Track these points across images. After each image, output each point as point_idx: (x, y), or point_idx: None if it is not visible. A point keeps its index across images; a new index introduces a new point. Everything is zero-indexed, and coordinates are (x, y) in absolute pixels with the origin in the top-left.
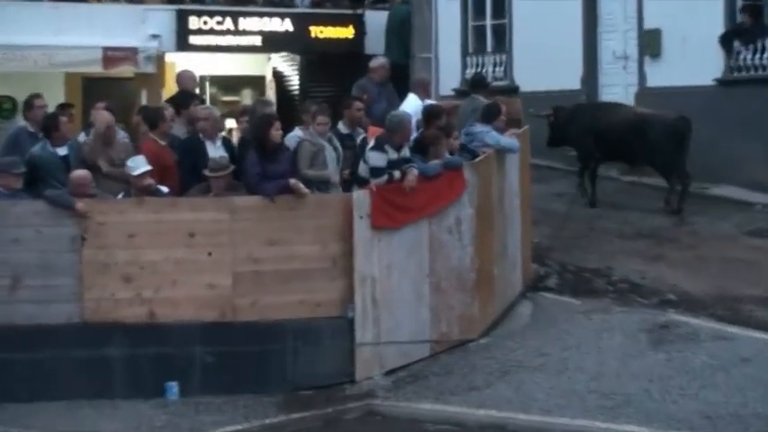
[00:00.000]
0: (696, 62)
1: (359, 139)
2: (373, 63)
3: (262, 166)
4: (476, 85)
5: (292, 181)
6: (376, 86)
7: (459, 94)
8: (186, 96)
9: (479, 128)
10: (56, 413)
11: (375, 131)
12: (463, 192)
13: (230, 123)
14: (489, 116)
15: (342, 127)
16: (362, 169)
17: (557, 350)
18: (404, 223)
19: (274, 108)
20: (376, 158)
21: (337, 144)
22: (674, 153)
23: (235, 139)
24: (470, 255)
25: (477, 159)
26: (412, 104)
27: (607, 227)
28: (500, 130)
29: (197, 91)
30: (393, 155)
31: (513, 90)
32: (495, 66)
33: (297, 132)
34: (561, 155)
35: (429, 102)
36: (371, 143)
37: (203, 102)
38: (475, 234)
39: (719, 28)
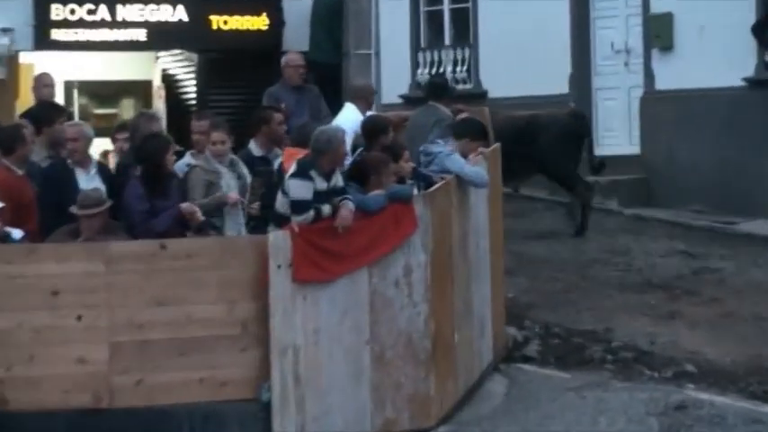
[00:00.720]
0: (719, 57)
1: (276, 164)
2: (284, 60)
3: (150, 201)
4: (435, 90)
5: (184, 205)
6: (292, 93)
7: (409, 102)
8: (48, 109)
9: (439, 147)
10: None
11: (293, 153)
12: (414, 232)
13: (104, 143)
14: (468, 134)
15: (254, 147)
16: (281, 203)
17: None
18: (336, 275)
19: (162, 123)
20: (299, 189)
21: (244, 170)
22: (571, 157)
23: (112, 164)
24: (424, 315)
25: (432, 189)
26: (350, 118)
27: (605, 275)
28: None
29: (60, 101)
30: (321, 184)
31: (478, 96)
32: (455, 64)
33: (187, 159)
34: (544, 181)
35: (370, 114)
36: (292, 169)
37: (71, 116)
38: (429, 288)
39: (750, 13)
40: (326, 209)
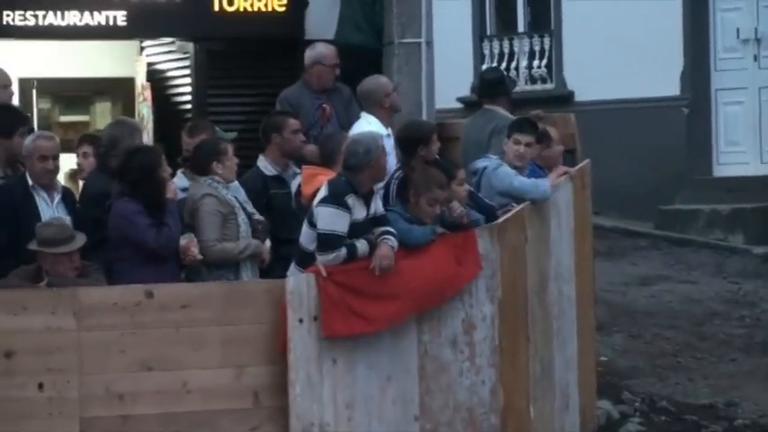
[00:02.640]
0: None
1: (294, 185)
2: (312, 56)
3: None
4: (490, 88)
5: (184, 241)
6: (315, 96)
7: (471, 106)
8: (6, 117)
9: (485, 161)
10: None
11: (316, 174)
12: (476, 275)
13: (71, 161)
14: (515, 129)
15: (265, 165)
16: (307, 237)
17: None
18: (379, 323)
19: (148, 135)
20: (333, 220)
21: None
22: None
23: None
24: (490, 384)
25: (501, 219)
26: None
27: (727, 332)
28: (539, 169)
29: (15, 103)
30: (360, 212)
31: (562, 99)
32: (531, 57)
33: (179, 181)
34: (646, 210)
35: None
36: (323, 192)
37: (30, 126)
38: (497, 349)
39: None
40: (362, 245)
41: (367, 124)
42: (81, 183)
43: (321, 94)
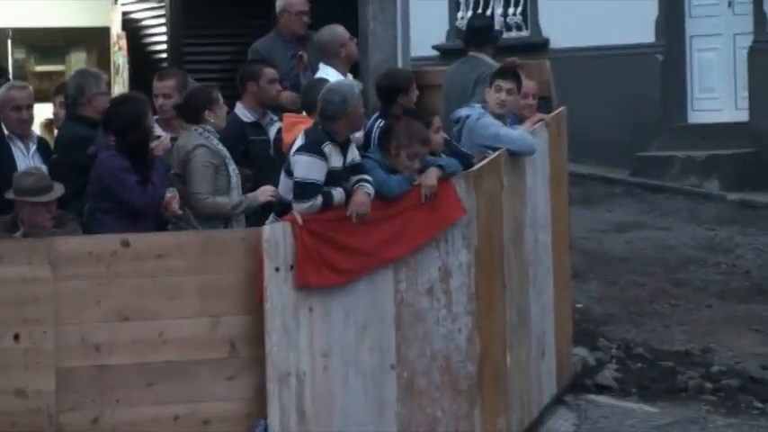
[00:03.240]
0: None
1: (272, 131)
2: (278, 4)
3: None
4: (476, 35)
5: (168, 195)
6: (290, 46)
7: (447, 54)
8: None
9: (467, 110)
10: None
11: (296, 122)
12: (459, 219)
13: (47, 110)
14: (497, 76)
15: (243, 112)
16: (284, 186)
17: None
18: (353, 275)
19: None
20: (309, 168)
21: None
22: None
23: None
24: (466, 332)
25: (477, 166)
26: None
27: (702, 279)
28: (515, 117)
29: None
30: (337, 160)
31: (537, 46)
32: (506, 4)
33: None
34: (622, 157)
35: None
36: (299, 141)
37: (6, 75)
38: (474, 296)
39: None
40: (338, 194)
41: (325, 75)
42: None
43: (294, 43)
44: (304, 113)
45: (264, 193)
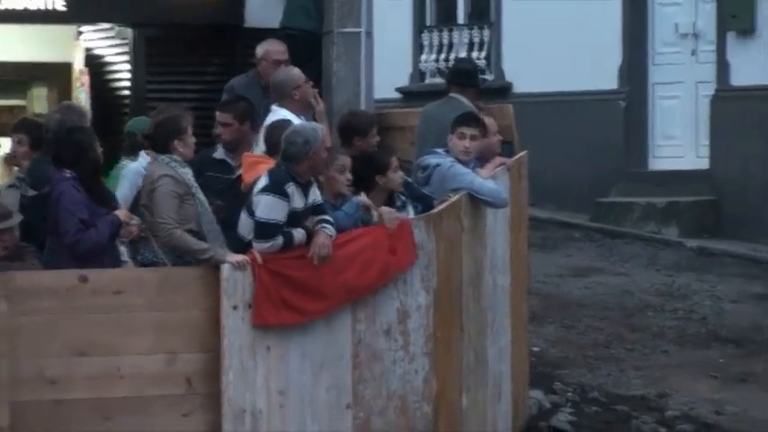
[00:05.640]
0: None
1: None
2: (261, 51)
3: (90, 210)
4: (462, 77)
5: (123, 213)
6: (263, 92)
7: (410, 97)
8: None
9: (438, 158)
10: None
11: (256, 162)
12: (411, 264)
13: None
14: (451, 129)
15: (221, 149)
16: (245, 225)
17: None
18: (311, 316)
19: (87, 118)
20: (271, 208)
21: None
22: None
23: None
24: (423, 373)
25: (437, 209)
26: None
27: (659, 324)
28: (477, 161)
29: None
30: (299, 201)
31: (500, 90)
32: (471, 49)
33: (141, 161)
34: (582, 202)
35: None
36: (263, 181)
37: None
38: (431, 337)
39: None
40: (299, 234)
41: (279, 117)
42: (15, 169)
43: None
44: (265, 153)
45: (234, 257)
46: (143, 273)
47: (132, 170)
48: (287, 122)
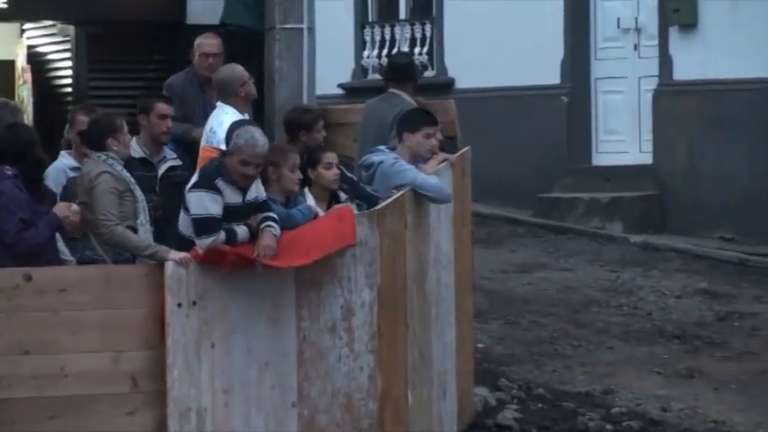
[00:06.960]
0: (757, 39)
1: (162, 169)
2: (195, 44)
3: (31, 209)
4: (399, 72)
5: (62, 206)
6: (202, 89)
7: (352, 93)
8: None
9: (381, 155)
10: None
11: (210, 155)
12: (349, 245)
13: None
14: (423, 122)
15: (135, 146)
16: (183, 223)
17: None
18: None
19: (22, 115)
20: (202, 203)
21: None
22: None
23: None
24: (368, 370)
25: (381, 205)
26: (226, 124)
27: (604, 320)
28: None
29: None
30: (234, 197)
31: (442, 86)
32: (413, 44)
33: (66, 161)
34: (525, 198)
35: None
36: (194, 178)
37: None
38: (376, 335)
39: None
40: (242, 231)
41: (224, 114)
42: None
43: (207, 85)
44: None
45: (177, 255)
46: (88, 271)
47: (55, 168)
48: (248, 122)
